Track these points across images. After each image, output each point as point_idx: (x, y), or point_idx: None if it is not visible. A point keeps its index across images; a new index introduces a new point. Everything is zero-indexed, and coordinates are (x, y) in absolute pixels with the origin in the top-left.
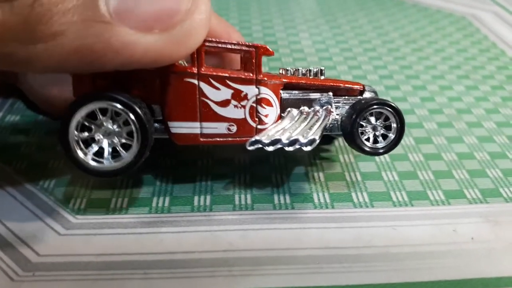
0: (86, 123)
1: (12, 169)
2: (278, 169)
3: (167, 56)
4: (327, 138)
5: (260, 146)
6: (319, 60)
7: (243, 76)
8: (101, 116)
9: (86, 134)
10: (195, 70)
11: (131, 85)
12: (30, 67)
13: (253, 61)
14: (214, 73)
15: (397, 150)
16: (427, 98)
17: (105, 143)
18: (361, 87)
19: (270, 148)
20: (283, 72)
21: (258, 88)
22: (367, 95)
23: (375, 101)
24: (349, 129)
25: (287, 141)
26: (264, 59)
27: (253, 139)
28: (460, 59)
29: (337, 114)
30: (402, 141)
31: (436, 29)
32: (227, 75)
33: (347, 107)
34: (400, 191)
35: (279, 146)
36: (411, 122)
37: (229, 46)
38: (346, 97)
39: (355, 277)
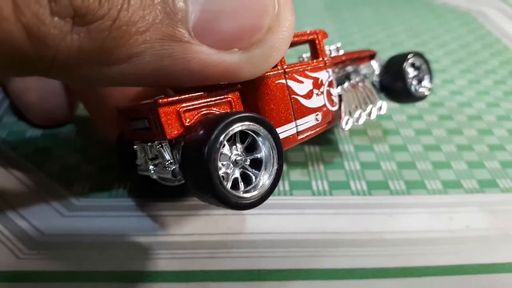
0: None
1: (18, 153)
2: None
3: (244, 76)
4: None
5: (352, 123)
6: None
7: (316, 63)
8: (227, 142)
9: (223, 164)
10: (280, 69)
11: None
12: (102, 86)
13: (318, 47)
14: (296, 68)
15: (397, 141)
16: None
17: (236, 173)
18: (373, 52)
19: (360, 122)
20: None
21: (328, 72)
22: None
23: (408, 54)
24: (402, 85)
25: (367, 112)
26: None
27: (344, 119)
28: (463, 54)
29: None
30: (402, 133)
31: (440, 24)
32: (305, 66)
33: (371, 71)
34: (398, 180)
35: (365, 118)
36: (412, 114)
37: (296, 39)
38: (366, 63)
39: (350, 261)
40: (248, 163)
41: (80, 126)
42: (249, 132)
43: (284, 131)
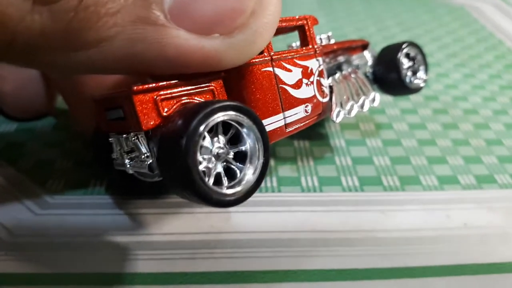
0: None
1: None
2: None
3: (227, 63)
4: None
5: (343, 115)
6: None
7: (305, 51)
8: (207, 134)
9: (204, 158)
10: (267, 56)
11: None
12: (69, 73)
13: (308, 33)
14: (284, 55)
15: (390, 135)
16: None
17: (219, 167)
18: (366, 42)
19: (352, 114)
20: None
21: (318, 60)
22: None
23: (402, 44)
24: (396, 76)
25: (359, 104)
26: None
27: (335, 111)
28: (457, 48)
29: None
30: (395, 127)
31: (433, 18)
32: (294, 53)
33: (363, 61)
34: (392, 175)
35: (357, 110)
36: (405, 108)
37: (284, 24)
38: (359, 54)
39: (341, 261)
40: (231, 156)
41: (58, 119)
42: (233, 123)
43: (271, 123)
